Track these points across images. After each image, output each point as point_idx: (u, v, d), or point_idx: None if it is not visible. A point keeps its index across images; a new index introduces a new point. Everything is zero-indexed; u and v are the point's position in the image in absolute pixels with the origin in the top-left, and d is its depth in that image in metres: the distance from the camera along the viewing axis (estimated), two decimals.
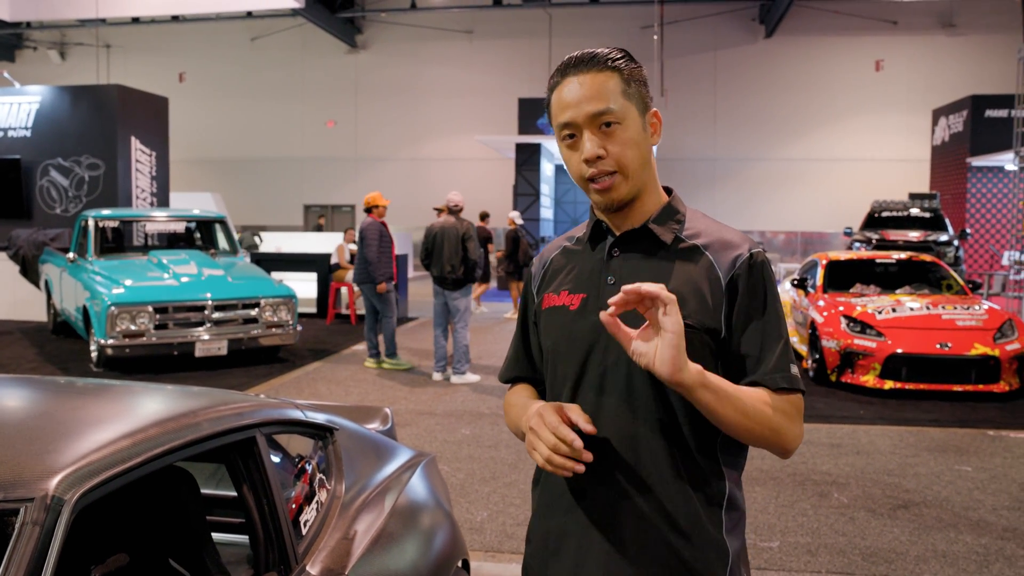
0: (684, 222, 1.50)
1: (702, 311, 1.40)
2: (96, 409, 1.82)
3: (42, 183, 13.11)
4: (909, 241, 14.72)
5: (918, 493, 4.92)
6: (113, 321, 8.12)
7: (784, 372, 1.40)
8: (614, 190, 1.43)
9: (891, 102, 25.42)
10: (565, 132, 1.44)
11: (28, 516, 1.30)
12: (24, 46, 29.65)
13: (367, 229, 8.78)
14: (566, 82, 1.44)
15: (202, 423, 1.75)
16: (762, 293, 1.43)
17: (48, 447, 1.48)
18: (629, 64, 1.45)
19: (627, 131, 1.42)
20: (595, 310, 1.45)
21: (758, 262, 1.44)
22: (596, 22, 25.50)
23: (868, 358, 7.57)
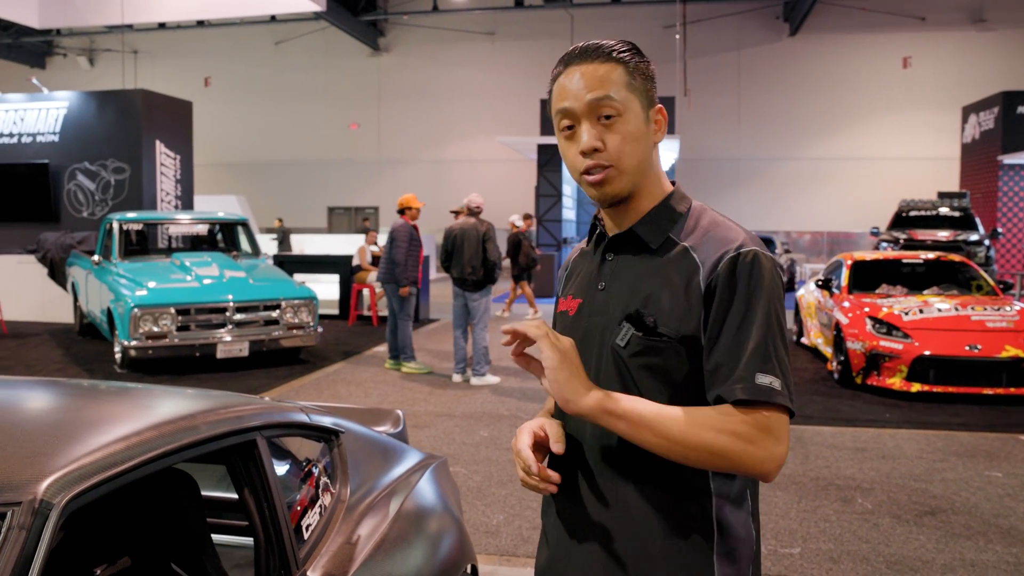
0: (681, 221, 1.41)
1: (678, 318, 1.31)
2: (93, 412, 1.80)
3: (69, 187, 13.26)
4: (938, 241, 14.48)
5: (946, 499, 4.80)
6: (136, 323, 8.17)
7: (746, 383, 1.25)
8: (608, 184, 1.36)
9: (919, 100, 25.08)
10: (564, 123, 1.38)
11: (15, 520, 1.28)
12: (54, 53, 30.06)
13: (397, 230, 8.73)
14: (568, 71, 1.38)
15: (200, 426, 1.72)
16: (741, 293, 1.30)
17: (40, 450, 1.45)
18: (635, 57, 1.38)
19: (627, 125, 1.35)
20: (586, 316, 1.43)
21: (745, 261, 1.31)
22: (618, 22, 25.39)
23: (894, 360, 7.43)
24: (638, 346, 1.33)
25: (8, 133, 13.58)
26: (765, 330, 1.30)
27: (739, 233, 1.37)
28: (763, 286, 1.32)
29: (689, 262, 1.34)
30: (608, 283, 1.41)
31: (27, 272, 12.67)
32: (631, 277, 1.39)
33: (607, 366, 1.36)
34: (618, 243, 1.43)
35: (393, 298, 8.79)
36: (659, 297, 1.33)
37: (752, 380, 1.26)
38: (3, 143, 13.60)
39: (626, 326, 1.34)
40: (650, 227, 1.40)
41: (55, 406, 1.86)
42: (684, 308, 1.31)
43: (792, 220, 25.99)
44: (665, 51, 23.15)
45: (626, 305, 1.36)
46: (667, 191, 1.45)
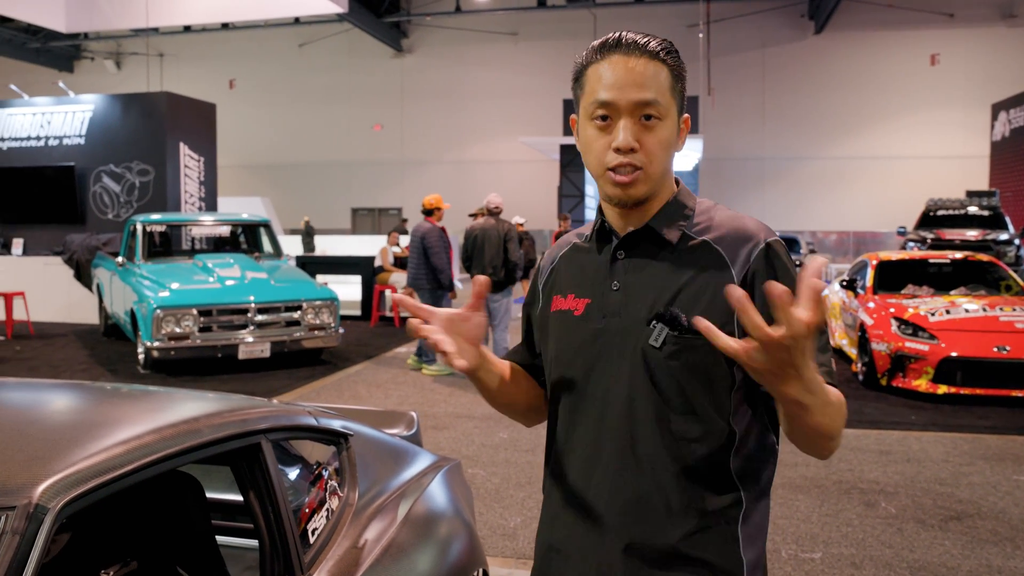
0: (692, 216, 1.39)
1: (711, 315, 1.26)
2: (95, 415, 1.79)
3: (95, 189, 13.41)
4: (966, 240, 14.26)
5: (972, 504, 4.71)
6: (159, 324, 8.23)
7: (827, 367, 1.29)
8: (634, 186, 1.32)
9: (948, 97, 24.75)
10: (599, 112, 1.32)
11: (8, 525, 1.26)
12: (82, 56, 30.44)
13: (429, 235, 8.53)
14: (612, 60, 1.32)
15: (203, 429, 1.71)
16: (784, 282, 1.29)
17: (38, 454, 1.44)
18: (677, 61, 1.35)
19: (665, 130, 1.32)
20: (598, 317, 1.39)
21: (774, 251, 1.32)
22: (641, 22, 25.28)
23: (920, 362, 7.31)
24: (675, 346, 1.30)
25: (36, 136, 13.76)
26: None
27: (755, 223, 1.37)
28: (793, 269, 1.34)
29: (715, 257, 1.33)
30: (624, 282, 1.37)
31: (54, 273, 12.83)
32: (652, 276, 1.35)
33: (636, 368, 1.33)
34: (631, 241, 1.39)
35: (428, 303, 8.69)
36: (689, 295, 1.31)
37: (831, 365, 1.31)
38: (31, 146, 13.77)
39: (659, 326, 1.31)
40: (666, 222, 1.37)
41: (58, 409, 1.86)
42: (719, 305, 1.28)
43: (818, 220, 25.74)
44: (688, 50, 23.00)
45: (652, 304, 1.33)
46: (674, 188, 1.42)
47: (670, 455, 1.31)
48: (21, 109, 14.00)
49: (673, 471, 1.31)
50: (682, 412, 1.31)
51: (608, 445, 1.35)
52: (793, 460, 5.50)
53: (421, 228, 8.71)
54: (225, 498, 2.51)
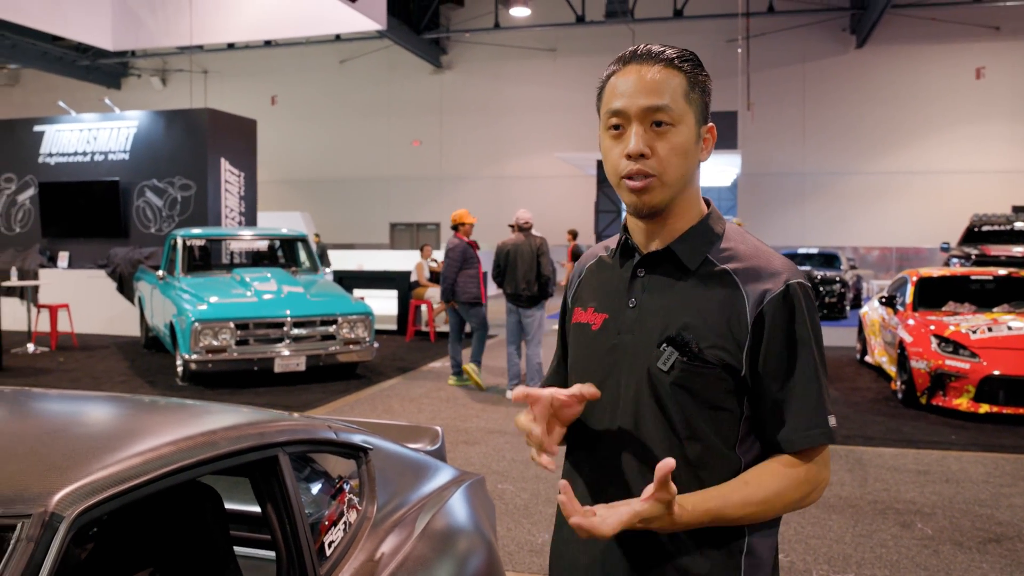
0: (718, 243, 1.37)
1: (722, 345, 1.29)
2: (115, 426, 1.82)
3: (138, 203, 13.69)
4: (1012, 257, 13.93)
5: (1012, 526, 4.59)
6: (197, 337, 8.36)
7: (823, 428, 1.31)
8: (648, 193, 1.32)
9: (993, 111, 24.28)
10: (612, 121, 1.35)
11: (24, 532, 1.29)
12: (129, 74, 31.15)
13: (450, 249, 8.79)
14: (626, 71, 1.35)
15: (220, 441, 1.73)
16: (793, 334, 1.30)
17: (56, 463, 1.48)
18: (696, 68, 1.35)
19: (679, 136, 1.32)
20: (614, 332, 1.39)
21: (793, 296, 1.30)
22: (680, 36, 25.20)
23: (961, 380, 7.16)
24: (682, 371, 1.30)
25: (82, 152, 14.10)
26: (822, 369, 1.34)
27: (780, 262, 1.35)
28: (812, 321, 1.34)
29: (732, 289, 1.32)
30: (640, 301, 1.37)
31: (97, 286, 13.11)
32: (668, 298, 1.35)
33: (642, 388, 1.33)
34: (652, 261, 1.39)
35: (470, 316, 8.84)
36: (702, 323, 1.30)
37: (827, 425, 1.31)
38: (78, 161, 14.12)
39: (668, 350, 1.31)
40: (688, 247, 1.36)
41: (80, 420, 1.89)
42: (729, 337, 1.30)
43: (859, 236, 25.35)
44: (728, 65, 22.88)
45: (664, 327, 1.33)
46: (703, 211, 1.41)
47: (677, 477, 1.29)
48: (68, 125, 14.36)
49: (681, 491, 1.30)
50: (687, 436, 1.31)
51: (615, 461, 1.36)
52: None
53: (449, 243, 8.89)
54: (244, 509, 2.54)
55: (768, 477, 1.28)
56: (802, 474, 1.30)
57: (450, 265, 8.70)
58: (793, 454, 1.30)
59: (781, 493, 1.28)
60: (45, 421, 1.87)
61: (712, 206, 1.44)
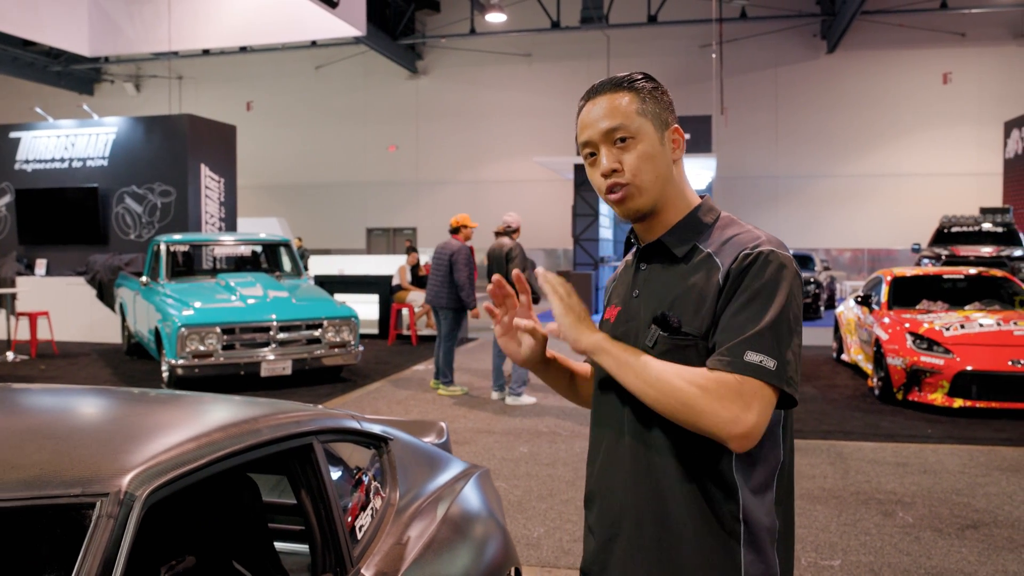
0: (707, 231, 1.51)
1: (699, 316, 1.42)
2: (163, 415, 1.92)
3: (118, 210, 13.64)
4: (981, 256, 14.30)
5: (988, 513, 4.78)
6: (183, 342, 8.38)
7: (733, 356, 1.34)
8: (628, 200, 1.50)
9: (960, 115, 24.80)
10: (587, 151, 1.54)
11: (103, 509, 1.39)
12: (102, 79, 30.90)
13: (457, 252, 8.56)
14: (587, 106, 1.55)
15: (263, 429, 1.84)
16: (748, 283, 1.38)
17: (121, 448, 1.58)
18: (646, 84, 1.52)
19: (640, 145, 1.48)
20: (623, 322, 1.55)
21: (759, 258, 1.40)
22: (654, 42, 25.49)
23: (936, 376, 7.39)
24: (665, 345, 1.44)
25: (60, 158, 14.02)
26: (774, 317, 1.36)
27: (759, 235, 1.46)
28: (775, 279, 1.39)
29: (711, 265, 1.45)
30: (641, 290, 1.54)
31: (76, 293, 13.04)
32: (659, 284, 1.51)
33: None
34: (648, 253, 1.55)
35: (446, 321, 8.70)
36: (684, 300, 1.45)
37: (740, 356, 1.34)
38: (55, 167, 14.04)
39: (653, 328, 1.46)
40: (676, 237, 1.52)
41: (127, 410, 1.99)
42: (704, 306, 1.42)
43: (832, 237, 25.77)
44: (702, 70, 23.17)
45: (654, 310, 1.48)
46: (693, 204, 1.55)
47: (680, 447, 1.44)
48: (45, 132, 14.28)
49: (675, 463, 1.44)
50: None
51: (620, 436, 1.52)
52: (811, 472, 5.58)
53: (450, 246, 8.68)
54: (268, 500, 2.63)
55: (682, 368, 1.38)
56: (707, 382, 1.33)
57: (462, 270, 8.50)
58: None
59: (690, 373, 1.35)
60: (94, 412, 1.97)
61: (705, 200, 1.57)
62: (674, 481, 1.43)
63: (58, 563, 1.68)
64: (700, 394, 1.34)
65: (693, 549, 1.42)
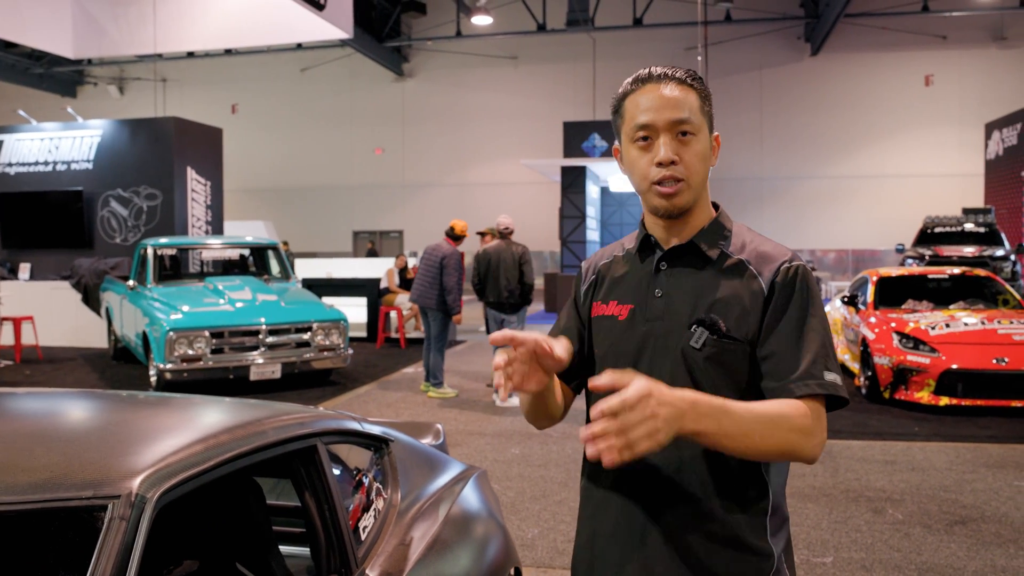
0: (730, 237, 1.56)
1: (746, 324, 1.46)
2: (169, 418, 1.93)
3: (103, 213, 13.56)
4: (964, 256, 14.44)
5: (976, 509, 4.84)
6: (171, 346, 8.35)
7: (819, 379, 1.40)
8: (678, 196, 1.49)
9: (942, 117, 25.05)
10: (641, 134, 1.50)
11: (115, 511, 1.40)
12: (85, 82, 30.72)
13: (449, 257, 8.53)
14: (647, 89, 1.51)
15: (267, 431, 1.85)
16: (796, 295, 1.46)
17: (130, 450, 1.58)
18: (703, 86, 1.55)
19: (699, 144, 1.50)
20: (642, 321, 1.54)
21: (796, 268, 1.49)
22: (640, 45, 25.60)
23: (922, 374, 7.46)
24: (713, 348, 1.46)
25: (44, 161, 13.93)
26: (824, 333, 1.47)
27: (784, 249, 1.55)
28: (816, 294, 1.50)
29: (748, 273, 1.50)
30: (666, 290, 1.53)
31: (61, 298, 12.94)
32: (693, 285, 1.51)
33: (677, 366, 1.48)
34: (675, 254, 1.55)
35: (435, 323, 8.67)
36: (725, 304, 1.47)
37: (823, 377, 1.41)
38: (39, 171, 13.94)
39: (700, 330, 1.47)
40: (708, 240, 1.54)
41: (132, 413, 2.00)
42: (749, 313, 1.47)
43: (816, 238, 25.95)
44: None
45: (692, 311, 1.49)
46: (714, 211, 1.60)
47: (707, 452, 1.44)
48: (29, 134, 14.18)
49: (709, 464, 1.45)
50: None
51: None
52: (801, 471, 5.62)
53: (441, 249, 8.66)
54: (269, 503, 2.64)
55: (772, 402, 1.40)
56: (803, 409, 1.38)
57: (451, 274, 8.50)
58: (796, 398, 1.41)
59: (784, 416, 1.37)
60: (99, 415, 1.97)
61: (721, 208, 1.63)
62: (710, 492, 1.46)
63: (70, 566, 1.68)
64: (799, 437, 1.37)
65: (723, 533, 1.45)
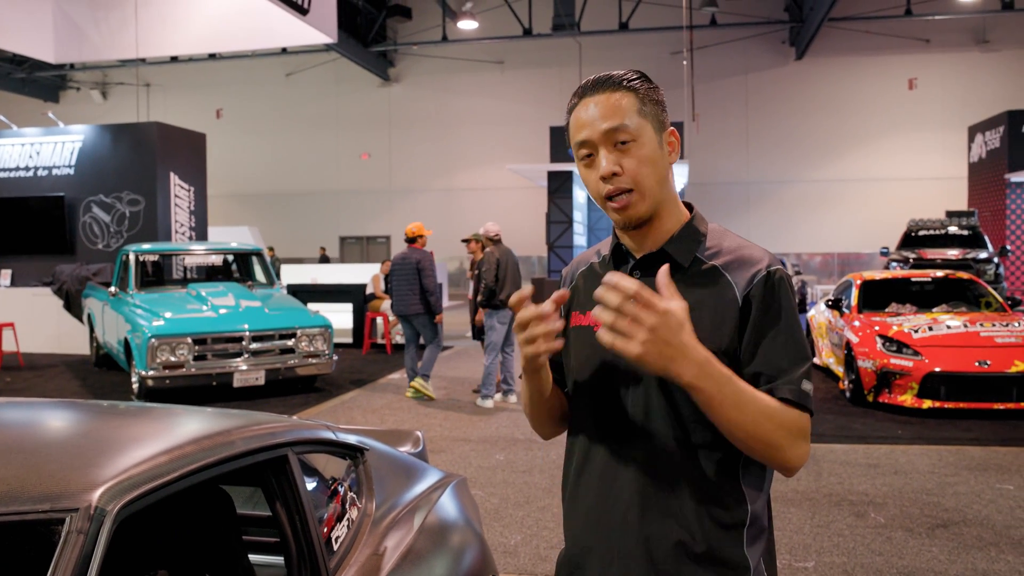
0: (704, 241, 1.49)
1: (719, 333, 1.40)
2: (135, 428, 1.90)
3: (85, 219, 13.46)
4: (947, 259, 14.52)
5: (958, 512, 4.85)
6: (153, 353, 8.28)
7: (793, 386, 1.37)
8: (631, 207, 1.43)
9: (926, 120, 25.23)
10: (583, 151, 1.45)
11: (73, 525, 1.37)
12: (67, 87, 30.55)
13: (424, 260, 8.65)
14: (583, 103, 1.46)
15: (236, 441, 1.82)
16: (776, 308, 1.41)
17: (91, 462, 1.55)
18: (645, 84, 1.46)
19: (642, 148, 1.42)
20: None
21: (775, 278, 1.43)
22: (625, 49, 25.66)
23: (905, 377, 7.48)
24: None
25: (24, 167, 13.82)
26: (801, 342, 1.44)
27: (762, 253, 1.48)
28: (792, 301, 1.45)
29: (722, 282, 1.43)
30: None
31: (43, 304, 12.84)
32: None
33: (650, 381, 1.42)
34: (647, 262, 1.49)
35: (426, 327, 8.75)
36: (699, 314, 1.39)
37: (799, 385, 1.39)
38: (19, 176, 13.83)
39: None
40: (680, 247, 1.47)
41: (99, 423, 1.96)
42: (723, 324, 1.41)
43: (802, 242, 26.07)
44: (673, 77, 23.36)
45: None
46: (686, 213, 1.53)
47: (686, 462, 1.41)
48: (10, 140, 14.07)
49: (688, 478, 1.41)
50: (694, 421, 1.41)
51: (628, 453, 1.46)
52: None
53: (414, 254, 8.78)
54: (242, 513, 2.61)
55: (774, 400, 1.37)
56: (790, 414, 1.35)
57: (430, 276, 8.62)
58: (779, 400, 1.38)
59: (782, 413, 1.35)
60: (63, 425, 1.94)
61: (695, 209, 1.56)
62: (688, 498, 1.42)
63: None
64: (785, 437, 1.36)
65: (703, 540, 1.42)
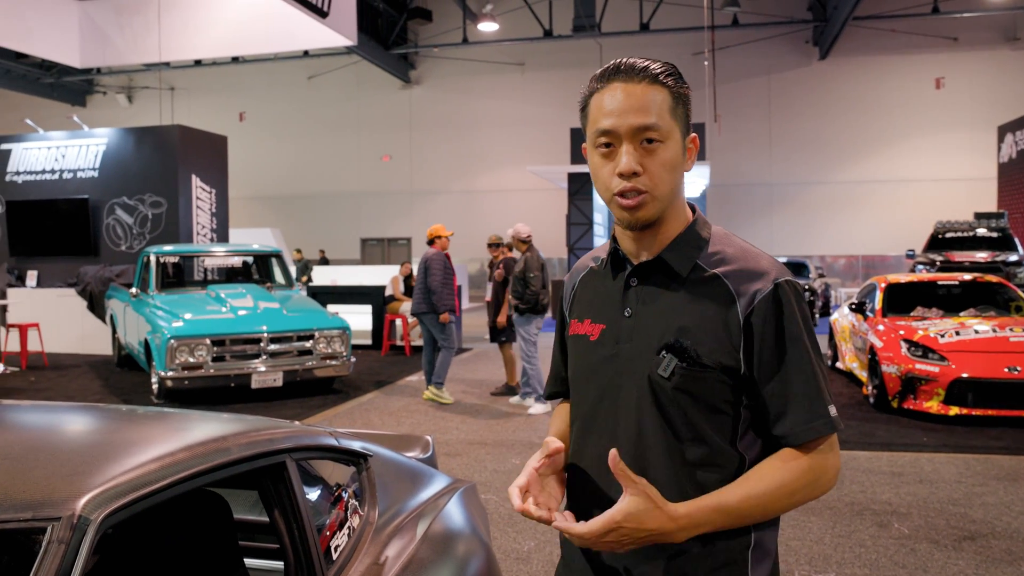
0: (706, 247, 1.40)
1: (718, 349, 1.33)
2: (128, 434, 1.85)
3: (108, 221, 13.57)
4: (975, 262, 14.26)
5: (986, 524, 4.71)
6: (173, 354, 8.30)
7: (825, 419, 1.33)
8: (641, 209, 1.34)
9: (953, 120, 24.86)
10: (602, 140, 1.35)
11: (54, 534, 1.32)
12: (94, 91, 30.87)
13: (431, 259, 8.70)
14: (611, 87, 1.34)
15: (231, 448, 1.77)
16: (783, 330, 1.33)
17: (78, 469, 1.51)
18: (678, 83, 1.36)
19: (668, 151, 1.33)
20: (611, 342, 1.42)
21: (782, 294, 1.34)
22: (646, 50, 25.51)
23: (931, 383, 7.32)
24: (681, 376, 1.32)
25: (50, 170, 13.96)
26: (819, 359, 1.37)
27: (767, 263, 1.38)
28: (803, 316, 1.37)
29: (723, 293, 1.35)
30: (635, 310, 1.39)
31: (67, 305, 12.96)
32: (662, 305, 1.37)
33: (644, 394, 1.36)
34: (644, 270, 1.41)
35: (434, 328, 8.71)
36: (698, 328, 1.33)
37: (828, 415, 1.34)
38: (45, 179, 13.97)
39: (668, 356, 1.33)
40: (678, 254, 1.39)
41: (92, 428, 1.92)
42: (725, 340, 1.33)
43: (826, 244, 25.78)
44: (694, 77, 23.18)
45: (661, 334, 1.35)
46: (690, 216, 1.44)
47: (680, 480, 1.34)
48: (36, 143, 14.22)
49: (685, 497, 1.32)
50: (690, 439, 1.34)
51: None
52: None
53: (426, 254, 8.84)
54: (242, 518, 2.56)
55: (769, 471, 1.31)
56: (805, 464, 1.31)
57: (435, 275, 8.62)
58: (797, 447, 1.33)
59: (784, 485, 1.30)
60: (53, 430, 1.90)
61: (697, 212, 1.47)
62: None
63: None
64: (810, 488, 1.34)
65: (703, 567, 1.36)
